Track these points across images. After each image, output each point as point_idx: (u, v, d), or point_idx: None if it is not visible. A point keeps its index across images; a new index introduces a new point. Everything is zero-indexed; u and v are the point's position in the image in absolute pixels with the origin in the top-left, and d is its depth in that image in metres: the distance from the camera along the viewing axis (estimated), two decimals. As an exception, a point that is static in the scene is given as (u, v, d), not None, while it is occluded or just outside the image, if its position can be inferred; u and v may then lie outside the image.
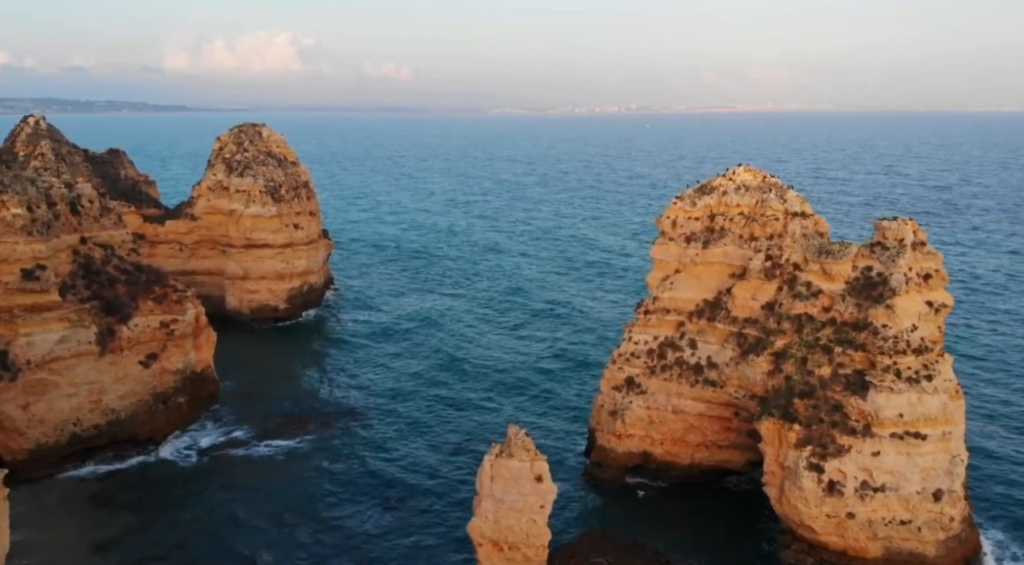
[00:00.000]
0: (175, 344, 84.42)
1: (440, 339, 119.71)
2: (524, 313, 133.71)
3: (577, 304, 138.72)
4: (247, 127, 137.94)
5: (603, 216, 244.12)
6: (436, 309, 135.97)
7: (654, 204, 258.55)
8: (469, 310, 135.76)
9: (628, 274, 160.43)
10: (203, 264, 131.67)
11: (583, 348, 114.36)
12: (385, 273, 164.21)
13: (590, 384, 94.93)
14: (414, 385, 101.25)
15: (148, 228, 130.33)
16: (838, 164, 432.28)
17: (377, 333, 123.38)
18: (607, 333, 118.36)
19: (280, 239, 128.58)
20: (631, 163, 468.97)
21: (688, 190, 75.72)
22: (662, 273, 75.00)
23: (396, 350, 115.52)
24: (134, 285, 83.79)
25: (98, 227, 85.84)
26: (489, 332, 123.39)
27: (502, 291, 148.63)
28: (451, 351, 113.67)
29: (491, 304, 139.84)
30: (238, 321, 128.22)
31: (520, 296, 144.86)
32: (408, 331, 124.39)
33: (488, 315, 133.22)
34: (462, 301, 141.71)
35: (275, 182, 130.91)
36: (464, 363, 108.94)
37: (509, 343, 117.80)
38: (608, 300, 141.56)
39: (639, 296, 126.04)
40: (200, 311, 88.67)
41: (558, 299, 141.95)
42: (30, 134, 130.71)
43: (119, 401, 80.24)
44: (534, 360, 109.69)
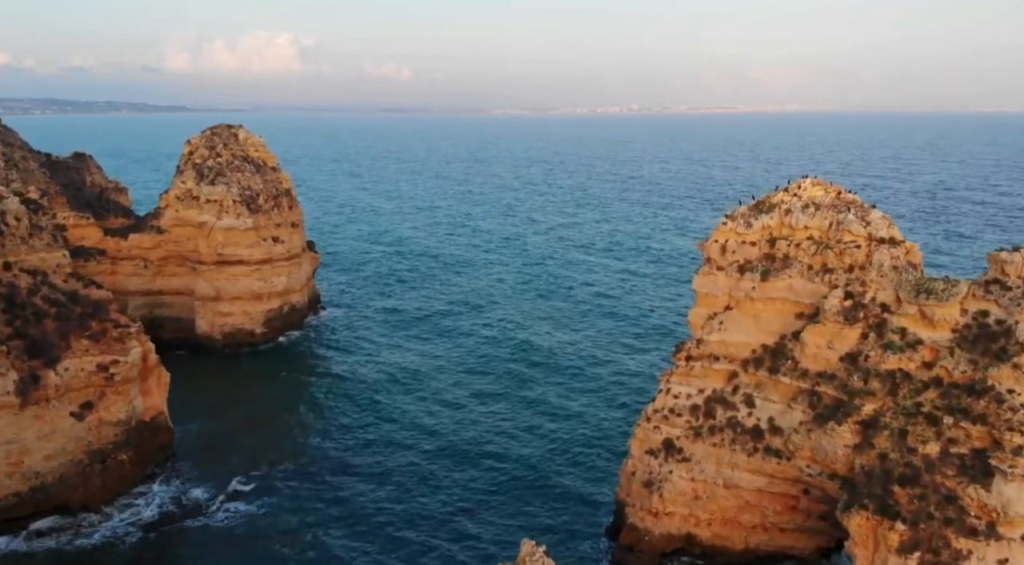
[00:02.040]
0: (115, 390, 70.18)
1: (438, 368, 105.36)
2: (536, 341, 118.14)
3: (600, 335, 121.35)
4: (221, 129, 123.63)
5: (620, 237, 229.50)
6: (436, 332, 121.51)
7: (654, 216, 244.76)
8: (472, 334, 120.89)
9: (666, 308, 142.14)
10: (171, 283, 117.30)
11: (606, 388, 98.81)
12: (379, 289, 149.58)
13: (617, 439, 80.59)
14: (407, 430, 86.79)
15: (110, 242, 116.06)
16: (846, 165, 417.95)
17: (366, 362, 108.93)
18: (634, 371, 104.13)
19: (256, 255, 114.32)
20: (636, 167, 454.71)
21: (741, 207, 61.34)
22: (708, 310, 60.72)
23: (387, 383, 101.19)
24: (66, 320, 69.52)
25: (26, 249, 71.63)
26: (496, 362, 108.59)
27: (510, 313, 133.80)
28: (450, 386, 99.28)
29: (498, 327, 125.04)
30: (210, 347, 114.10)
31: (530, 321, 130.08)
32: (402, 359, 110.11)
33: (494, 340, 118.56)
34: (466, 322, 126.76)
35: (252, 190, 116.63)
36: (465, 403, 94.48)
37: (519, 377, 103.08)
38: (636, 335, 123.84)
39: (673, 336, 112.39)
40: (148, 349, 74.46)
41: (576, 326, 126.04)
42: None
43: (45, 462, 66.00)
44: (546, 400, 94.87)
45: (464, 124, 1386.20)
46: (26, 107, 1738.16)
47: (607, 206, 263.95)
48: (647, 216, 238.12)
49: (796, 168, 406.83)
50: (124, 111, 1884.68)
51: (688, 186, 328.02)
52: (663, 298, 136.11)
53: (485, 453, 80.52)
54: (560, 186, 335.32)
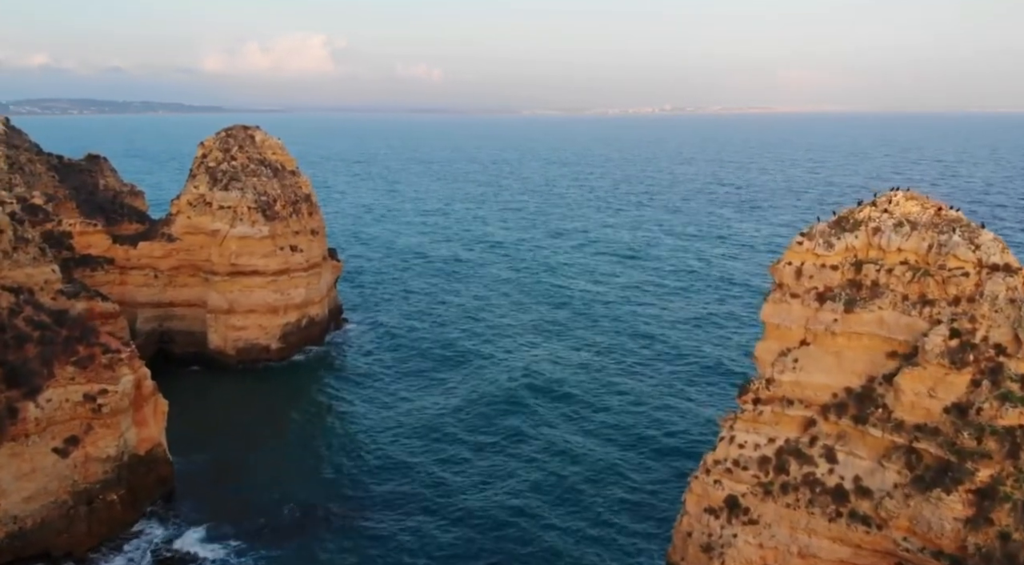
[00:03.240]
0: (104, 423, 63.03)
1: (468, 395, 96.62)
2: (568, 372, 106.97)
3: (642, 363, 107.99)
4: (237, 130, 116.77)
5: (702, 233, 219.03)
6: (467, 352, 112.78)
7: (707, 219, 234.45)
8: (512, 352, 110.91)
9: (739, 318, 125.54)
10: (182, 294, 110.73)
11: (646, 429, 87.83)
12: (405, 299, 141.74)
13: (667, 493, 71.62)
14: (435, 464, 78.13)
15: (118, 251, 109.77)
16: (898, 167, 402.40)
17: (389, 384, 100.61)
18: (681, 409, 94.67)
19: (273, 265, 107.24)
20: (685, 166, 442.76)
21: (819, 224, 52.09)
22: (780, 344, 51.59)
23: (416, 405, 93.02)
24: (50, 344, 62.50)
25: (9, 264, 64.91)
26: (527, 392, 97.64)
27: (556, 324, 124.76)
28: (478, 419, 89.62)
29: (541, 342, 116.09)
30: (223, 363, 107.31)
31: (578, 329, 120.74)
32: (432, 378, 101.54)
33: (536, 359, 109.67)
34: (506, 338, 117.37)
35: (268, 196, 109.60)
36: (495, 441, 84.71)
37: (553, 412, 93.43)
38: (707, 345, 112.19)
39: (721, 369, 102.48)
40: (142, 376, 67.23)
41: (630, 343, 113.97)
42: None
43: (24, 505, 58.99)
44: (589, 430, 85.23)
45: (493, 125, 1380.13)
46: (64, 107, 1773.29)
47: (640, 211, 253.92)
48: (682, 222, 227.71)
49: (834, 170, 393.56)
50: (160, 111, 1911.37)
51: (725, 188, 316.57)
52: (710, 324, 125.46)
53: (516, 504, 71.07)
54: (590, 188, 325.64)
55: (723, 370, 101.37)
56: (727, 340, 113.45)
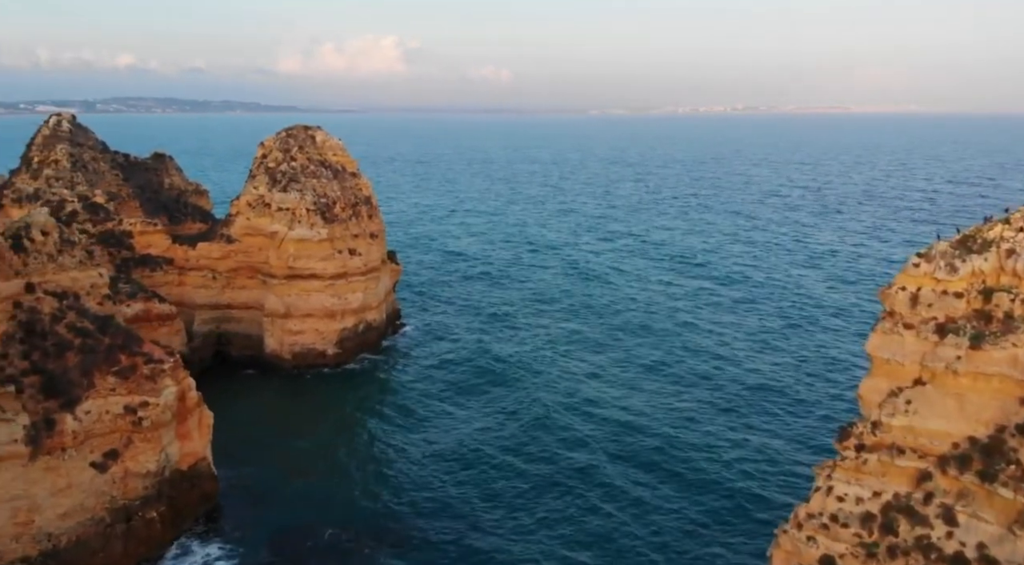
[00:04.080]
0: (144, 437, 60.02)
1: (522, 408, 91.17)
2: (638, 373, 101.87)
3: (713, 389, 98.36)
4: (298, 130, 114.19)
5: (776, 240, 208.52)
6: (524, 360, 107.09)
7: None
8: (564, 368, 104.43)
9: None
10: (240, 296, 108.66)
11: (725, 451, 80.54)
12: (465, 304, 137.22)
13: (734, 522, 64.65)
14: (480, 497, 72.42)
15: (177, 251, 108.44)
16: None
17: (444, 397, 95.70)
18: (755, 445, 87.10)
19: (331, 268, 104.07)
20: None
21: (939, 243, 44.70)
22: (890, 382, 44.42)
23: (477, 417, 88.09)
24: (91, 352, 59.81)
25: (54, 268, 62.59)
26: (609, 397, 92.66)
27: (611, 337, 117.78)
28: (536, 434, 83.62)
29: (593, 357, 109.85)
30: (278, 368, 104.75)
31: (632, 344, 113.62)
32: (484, 394, 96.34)
33: (603, 367, 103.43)
34: (557, 351, 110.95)
35: (327, 198, 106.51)
36: (555, 461, 78.63)
37: (623, 447, 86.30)
38: (799, 375, 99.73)
39: (812, 395, 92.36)
40: (186, 387, 64.07)
41: (687, 359, 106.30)
42: (47, 137, 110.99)
43: (59, 522, 56.30)
44: (639, 461, 77.63)
45: (559, 125, 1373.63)
46: (148, 106, 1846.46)
47: (705, 214, 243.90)
48: (750, 227, 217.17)
49: (914, 173, 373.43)
50: (238, 111, 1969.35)
51: (799, 191, 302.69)
52: (777, 342, 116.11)
53: (568, 555, 65.07)
54: (652, 190, 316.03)
55: (792, 398, 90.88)
56: (798, 363, 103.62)
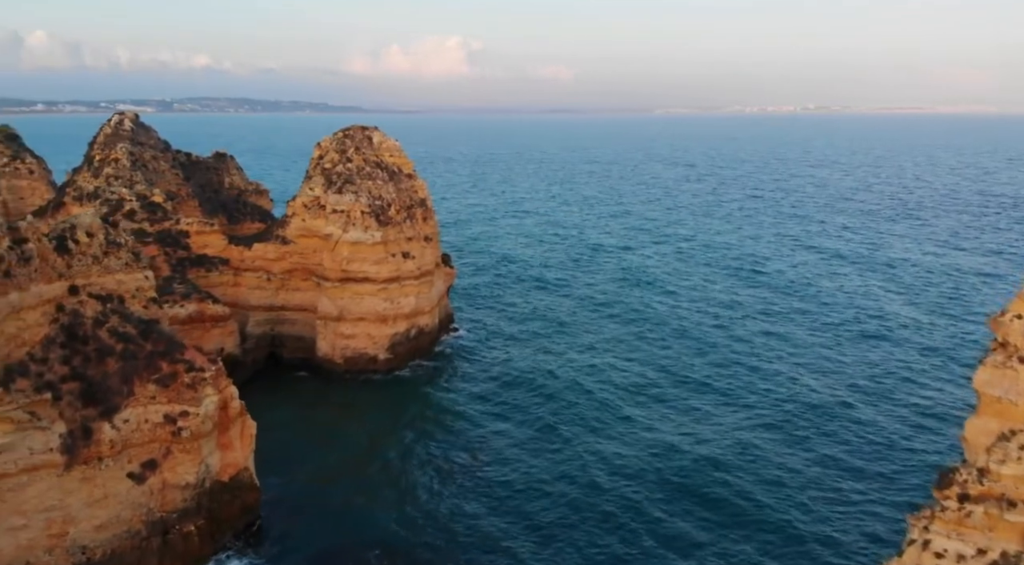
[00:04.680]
0: (184, 448, 57.97)
1: (588, 421, 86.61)
2: (719, 388, 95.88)
3: (826, 391, 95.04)
4: (355, 131, 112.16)
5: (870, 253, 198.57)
6: (590, 367, 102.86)
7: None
8: (639, 379, 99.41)
9: None
10: (294, 298, 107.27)
11: (793, 488, 74.85)
12: (519, 309, 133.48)
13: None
14: (545, 510, 68.38)
15: (233, 251, 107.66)
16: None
17: (504, 407, 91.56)
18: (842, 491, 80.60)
19: (384, 272, 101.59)
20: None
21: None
22: (1001, 423, 38.61)
23: (527, 437, 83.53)
24: (132, 359, 58.08)
25: (99, 270, 61.04)
26: (667, 420, 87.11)
27: (687, 347, 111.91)
28: (606, 452, 78.62)
29: (666, 365, 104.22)
30: (330, 371, 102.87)
31: (708, 358, 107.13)
32: (548, 403, 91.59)
33: (660, 386, 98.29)
34: (630, 359, 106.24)
35: (383, 200, 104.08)
36: (627, 479, 74.23)
37: (699, 435, 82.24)
38: (890, 393, 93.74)
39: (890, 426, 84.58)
40: (229, 396, 61.89)
41: (770, 381, 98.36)
42: (109, 136, 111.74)
43: (94, 534, 54.66)
44: (736, 467, 73.73)
45: (621, 124, 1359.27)
46: (222, 105, 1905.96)
47: (771, 219, 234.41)
48: (818, 233, 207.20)
49: (1007, 178, 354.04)
50: (307, 111, 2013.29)
51: (873, 195, 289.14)
52: (843, 364, 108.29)
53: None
54: (713, 192, 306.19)
55: (871, 428, 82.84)
56: (874, 386, 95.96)
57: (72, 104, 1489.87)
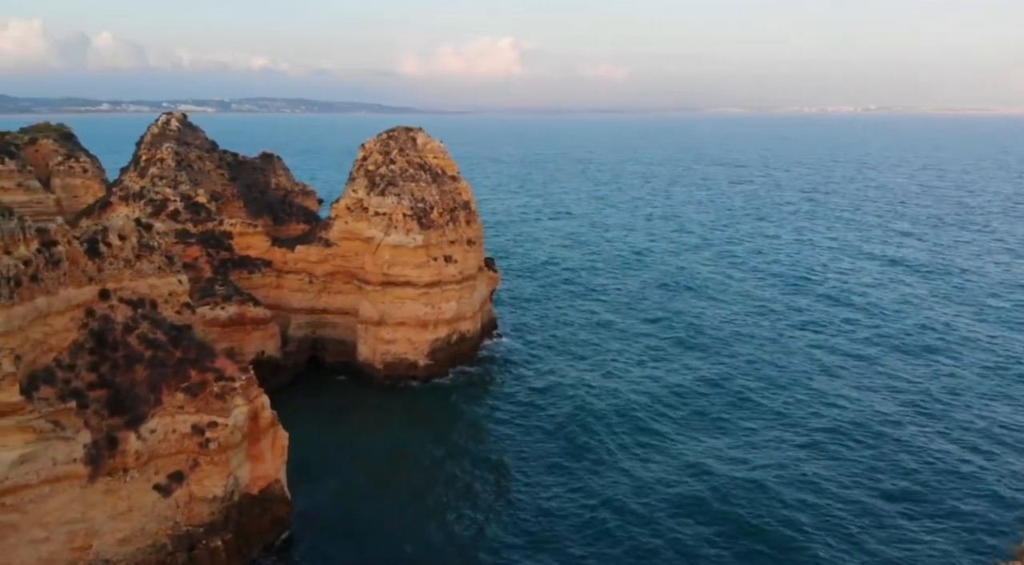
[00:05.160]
0: (212, 460, 56.02)
1: (637, 436, 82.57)
2: (779, 413, 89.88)
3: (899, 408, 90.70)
4: (399, 132, 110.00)
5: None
6: (642, 378, 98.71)
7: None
8: (692, 399, 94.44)
9: None
10: (336, 301, 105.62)
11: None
12: (566, 314, 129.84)
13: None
14: (588, 542, 64.34)
15: (276, 253, 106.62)
16: None
17: (544, 419, 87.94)
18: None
19: (425, 276, 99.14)
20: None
21: None
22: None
23: (568, 455, 79.34)
24: (160, 366, 56.40)
25: (131, 274, 59.62)
26: (725, 449, 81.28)
27: (738, 365, 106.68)
28: (658, 484, 73.99)
29: (719, 384, 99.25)
30: (370, 376, 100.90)
31: (763, 379, 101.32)
32: (591, 420, 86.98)
33: (713, 403, 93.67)
34: (679, 374, 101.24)
35: (425, 203, 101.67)
36: (685, 517, 70.08)
37: (759, 465, 77.73)
38: None
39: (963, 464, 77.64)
40: (259, 406, 59.83)
41: (834, 408, 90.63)
42: (155, 135, 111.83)
43: (118, 548, 52.95)
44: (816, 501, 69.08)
45: (673, 124, 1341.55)
46: (279, 106, 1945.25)
47: (830, 225, 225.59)
48: (883, 239, 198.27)
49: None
50: (361, 112, 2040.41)
51: (937, 200, 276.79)
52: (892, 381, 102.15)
53: None
54: (759, 195, 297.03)
55: (953, 473, 75.36)
56: (939, 417, 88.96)
57: (136, 104, 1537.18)
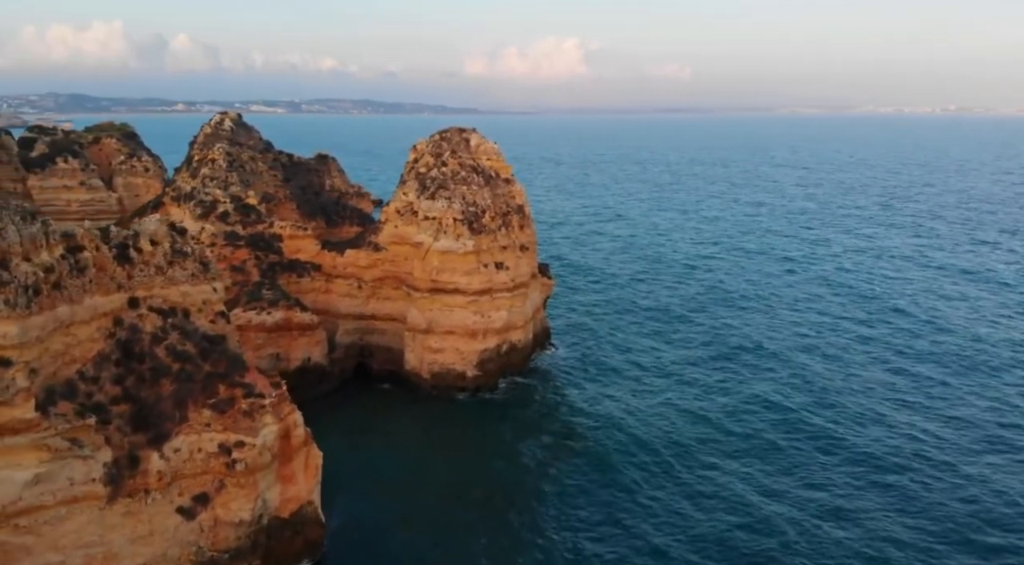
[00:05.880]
0: (238, 482, 52.73)
1: (691, 474, 76.26)
2: (839, 443, 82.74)
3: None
4: (452, 133, 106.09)
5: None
6: (699, 403, 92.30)
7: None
8: (746, 416, 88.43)
9: None
10: (384, 308, 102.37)
11: None
12: (625, 325, 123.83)
13: None
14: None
15: (326, 257, 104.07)
16: None
17: (592, 444, 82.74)
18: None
19: (475, 283, 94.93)
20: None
21: None
22: None
23: (622, 475, 74.51)
24: (188, 380, 53.40)
25: (162, 281, 56.91)
26: (790, 486, 74.83)
27: (800, 380, 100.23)
28: (709, 511, 69.12)
29: (783, 403, 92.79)
30: (416, 386, 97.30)
31: (824, 407, 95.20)
32: (641, 448, 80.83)
33: (779, 427, 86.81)
34: (739, 398, 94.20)
35: (477, 207, 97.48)
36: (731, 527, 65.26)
37: (833, 506, 71.26)
38: None
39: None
40: (291, 424, 56.34)
41: (909, 458, 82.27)
42: (208, 135, 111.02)
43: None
44: None
45: (741, 124, 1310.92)
46: (347, 107, 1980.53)
47: (900, 234, 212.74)
48: (969, 252, 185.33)
49: None
50: (426, 113, 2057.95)
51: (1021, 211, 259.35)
52: None
53: None
54: (824, 200, 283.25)
55: (1006, 497, 68.53)
56: (1005, 440, 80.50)
57: (210, 104, 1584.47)
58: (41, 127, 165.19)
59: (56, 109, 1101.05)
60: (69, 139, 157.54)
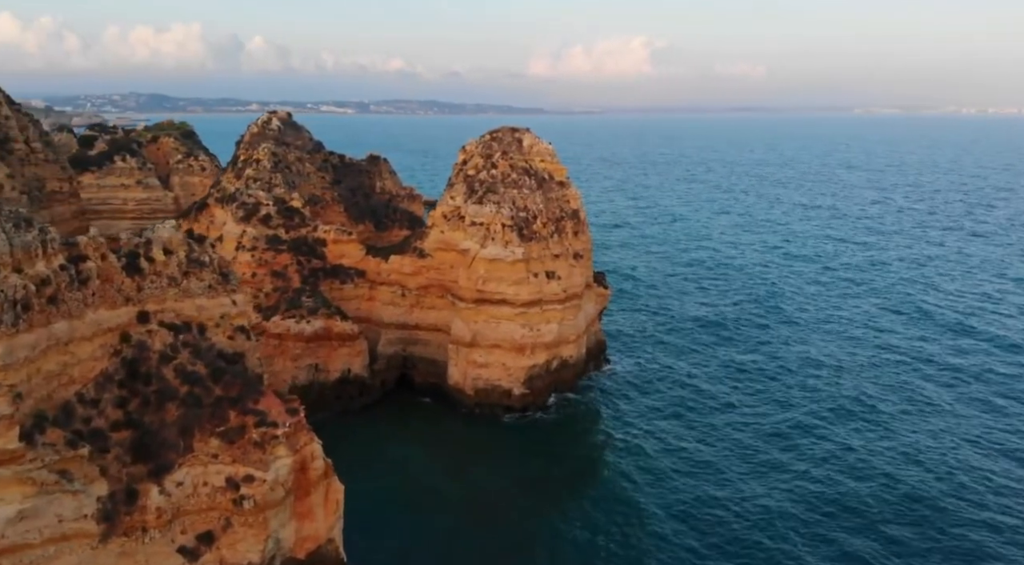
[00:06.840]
0: (246, 520, 47.62)
1: (777, 488, 69.18)
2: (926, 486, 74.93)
3: None
4: (503, 133, 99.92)
5: None
6: (757, 433, 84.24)
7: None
8: (824, 432, 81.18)
9: None
10: (428, 317, 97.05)
11: None
12: (688, 338, 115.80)
13: None
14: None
15: (370, 263, 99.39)
16: None
17: (644, 473, 75.56)
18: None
19: (523, 294, 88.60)
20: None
21: None
22: None
23: (667, 514, 67.68)
24: (196, 406, 48.57)
25: (176, 294, 52.34)
26: (859, 519, 67.73)
27: (882, 404, 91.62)
28: (787, 520, 62.39)
29: (840, 436, 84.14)
30: (459, 402, 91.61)
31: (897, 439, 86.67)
32: (699, 479, 73.96)
33: (842, 452, 78.46)
34: (797, 424, 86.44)
35: (527, 211, 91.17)
36: None
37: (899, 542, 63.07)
38: None
39: None
40: (308, 455, 50.94)
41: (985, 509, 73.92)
42: (254, 135, 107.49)
43: (135, 617, 45.57)
44: None
45: (814, 124, 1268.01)
46: (413, 108, 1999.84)
47: (984, 247, 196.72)
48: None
49: None
50: (490, 113, 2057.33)
51: None
52: None
53: None
54: (904, 207, 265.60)
55: None
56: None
57: (282, 105, 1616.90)
58: (102, 125, 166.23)
59: (136, 109, 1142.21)
60: (128, 138, 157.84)
